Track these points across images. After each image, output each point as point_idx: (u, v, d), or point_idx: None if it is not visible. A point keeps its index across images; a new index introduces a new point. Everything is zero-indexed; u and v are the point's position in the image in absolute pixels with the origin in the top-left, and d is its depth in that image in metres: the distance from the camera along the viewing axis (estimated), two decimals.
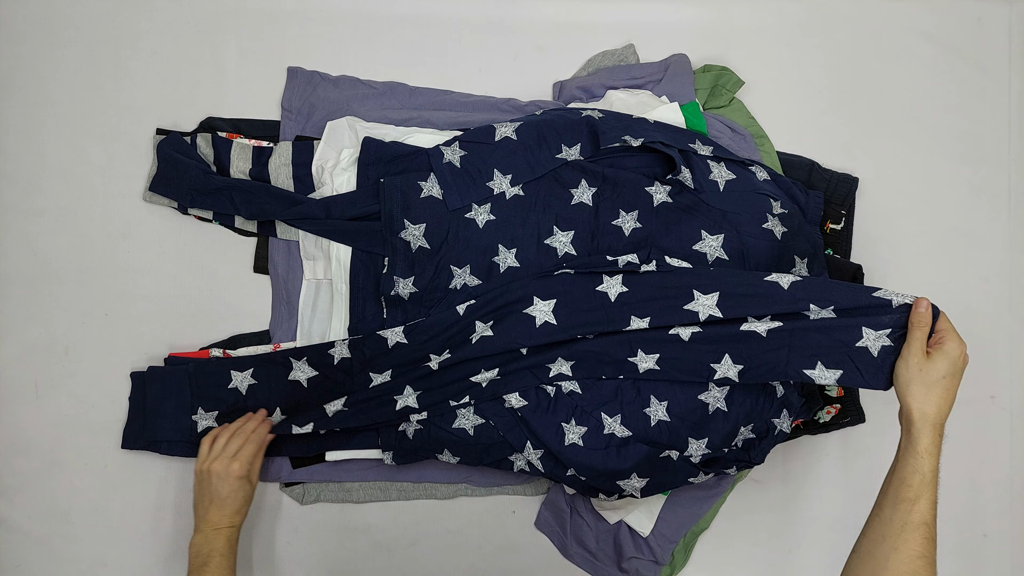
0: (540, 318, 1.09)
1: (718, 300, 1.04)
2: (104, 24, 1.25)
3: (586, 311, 1.08)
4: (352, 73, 1.27)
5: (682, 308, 1.05)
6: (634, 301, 1.07)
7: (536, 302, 1.09)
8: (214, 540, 1.05)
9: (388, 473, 1.22)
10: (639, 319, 1.07)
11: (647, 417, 1.09)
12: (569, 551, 1.24)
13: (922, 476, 0.90)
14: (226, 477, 1.07)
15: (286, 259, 1.22)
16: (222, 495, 1.07)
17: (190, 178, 1.17)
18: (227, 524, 1.06)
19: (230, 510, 1.07)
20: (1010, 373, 1.30)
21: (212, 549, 1.04)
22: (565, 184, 1.16)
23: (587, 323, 1.08)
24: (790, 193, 1.21)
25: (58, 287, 1.23)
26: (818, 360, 1.00)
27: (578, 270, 1.11)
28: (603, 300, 1.08)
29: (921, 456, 0.90)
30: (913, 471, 0.90)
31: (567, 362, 1.09)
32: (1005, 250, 1.31)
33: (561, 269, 1.12)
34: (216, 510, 1.06)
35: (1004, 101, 1.32)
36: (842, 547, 1.27)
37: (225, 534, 1.06)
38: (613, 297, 1.08)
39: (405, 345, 1.12)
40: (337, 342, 1.14)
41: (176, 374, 1.17)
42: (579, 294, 1.09)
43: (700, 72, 1.27)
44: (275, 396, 1.15)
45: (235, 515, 1.07)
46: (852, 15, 1.32)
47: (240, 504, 1.08)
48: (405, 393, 1.12)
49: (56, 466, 1.21)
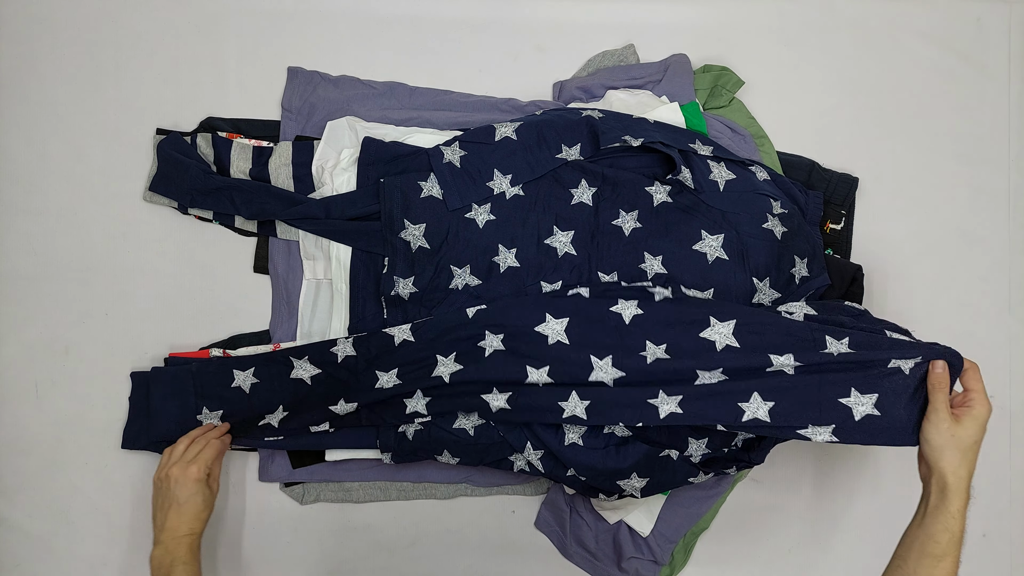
0: (552, 337, 1.07)
1: (734, 328, 1.02)
2: (104, 24, 1.25)
3: (600, 332, 1.06)
4: (352, 73, 1.27)
5: (698, 335, 1.03)
6: (649, 324, 1.05)
7: (548, 319, 1.08)
8: (175, 549, 1.02)
9: (388, 473, 1.22)
10: (654, 345, 1.04)
11: None
12: (569, 551, 1.24)
13: (951, 535, 0.91)
14: (184, 480, 1.05)
15: (286, 259, 1.22)
16: (180, 499, 1.04)
17: (190, 178, 1.18)
18: (187, 531, 1.03)
19: (189, 515, 1.04)
20: (1010, 373, 1.30)
21: (174, 558, 1.01)
22: (565, 184, 1.16)
23: (600, 344, 1.06)
24: (790, 193, 1.21)
25: (58, 287, 1.23)
26: (852, 388, 0.98)
27: (592, 295, 1.10)
28: (617, 321, 1.06)
29: (953, 516, 0.91)
30: (943, 529, 0.91)
31: (582, 402, 1.05)
32: (1005, 250, 1.31)
33: (575, 290, 1.12)
34: (175, 515, 1.04)
35: (1004, 101, 1.32)
36: (841, 547, 1.28)
37: (186, 542, 1.03)
38: (628, 319, 1.06)
39: (412, 343, 1.12)
40: (340, 340, 1.14)
41: (179, 374, 1.17)
42: (593, 313, 1.08)
43: (700, 72, 1.27)
44: (278, 394, 1.15)
45: (194, 521, 1.05)
46: (852, 15, 1.32)
47: (199, 509, 1.05)
48: (415, 397, 1.11)
49: (56, 466, 1.21)
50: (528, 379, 1.07)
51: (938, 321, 1.29)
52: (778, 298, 1.14)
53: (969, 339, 1.30)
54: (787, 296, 1.14)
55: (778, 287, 1.14)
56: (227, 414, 1.16)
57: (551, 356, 1.07)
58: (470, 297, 1.15)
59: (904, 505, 1.29)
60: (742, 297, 1.13)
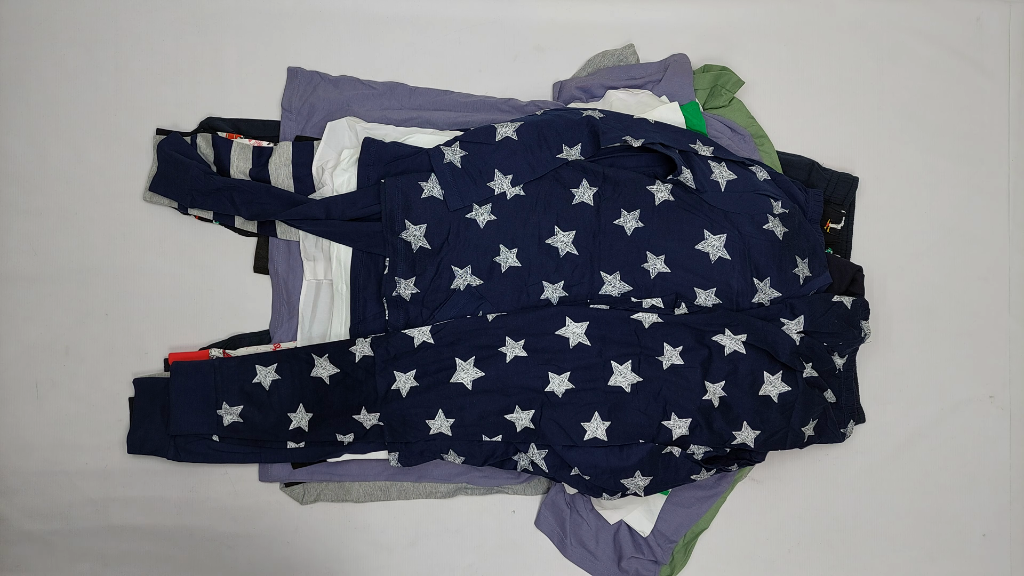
0: (573, 340, 1.11)
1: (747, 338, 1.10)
2: (104, 24, 1.25)
3: (619, 334, 1.11)
4: (352, 73, 1.27)
5: (710, 339, 1.10)
6: (667, 328, 1.11)
7: (568, 323, 1.11)
8: None
9: (388, 473, 1.22)
10: (671, 347, 1.10)
11: None
12: (569, 551, 1.24)
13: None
14: None
15: (286, 259, 1.22)
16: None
17: (190, 178, 1.17)
18: None
19: None
20: (1009, 373, 1.30)
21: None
22: (566, 184, 1.16)
23: (620, 347, 1.11)
24: (790, 192, 1.21)
25: (58, 287, 1.23)
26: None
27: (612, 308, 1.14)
28: (637, 327, 1.11)
29: None
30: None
31: (604, 423, 1.11)
32: (1004, 250, 1.31)
33: (594, 305, 1.14)
34: None
35: (1003, 101, 1.32)
36: (842, 547, 1.28)
37: None
38: (647, 324, 1.11)
39: (432, 346, 1.12)
40: (359, 340, 1.14)
41: (201, 368, 1.16)
42: (612, 318, 1.12)
43: (700, 72, 1.27)
44: (298, 392, 1.15)
45: None
46: (852, 15, 1.32)
47: None
48: (438, 418, 1.13)
49: (56, 466, 1.21)
50: (548, 386, 1.10)
51: (938, 321, 1.29)
52: (778, 297, 1.14)
53: (969, 339, 1.30)
54: (788, 296, 1.14)
55: (779, 287, 1.14)
56: (246, 411, 1.15)
57: (572, 361, 1.10)
58: (472, 297, 1.15)
59: (904, 505, 1.30)
60: (743, 297, 1.13)
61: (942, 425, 1.29)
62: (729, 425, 1.10)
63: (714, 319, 1.10)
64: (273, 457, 1.18)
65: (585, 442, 1.10)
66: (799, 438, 1.12)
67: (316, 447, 1.17)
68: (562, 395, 1.11)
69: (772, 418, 1.09)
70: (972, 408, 1.29)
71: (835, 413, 1.17)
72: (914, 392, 1.29)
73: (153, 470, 1.21)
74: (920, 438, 1.29)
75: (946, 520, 1.29)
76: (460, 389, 1.11)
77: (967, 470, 1.29)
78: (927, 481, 1.28)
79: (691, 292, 1.12)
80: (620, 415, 1.10)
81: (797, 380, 1.10)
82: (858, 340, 1.17)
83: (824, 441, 1.17)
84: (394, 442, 1.15)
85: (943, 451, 1.29)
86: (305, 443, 1.16)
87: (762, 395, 1.09)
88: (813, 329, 1.13)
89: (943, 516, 1.29)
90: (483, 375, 1.11)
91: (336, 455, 1.18)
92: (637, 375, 1.10)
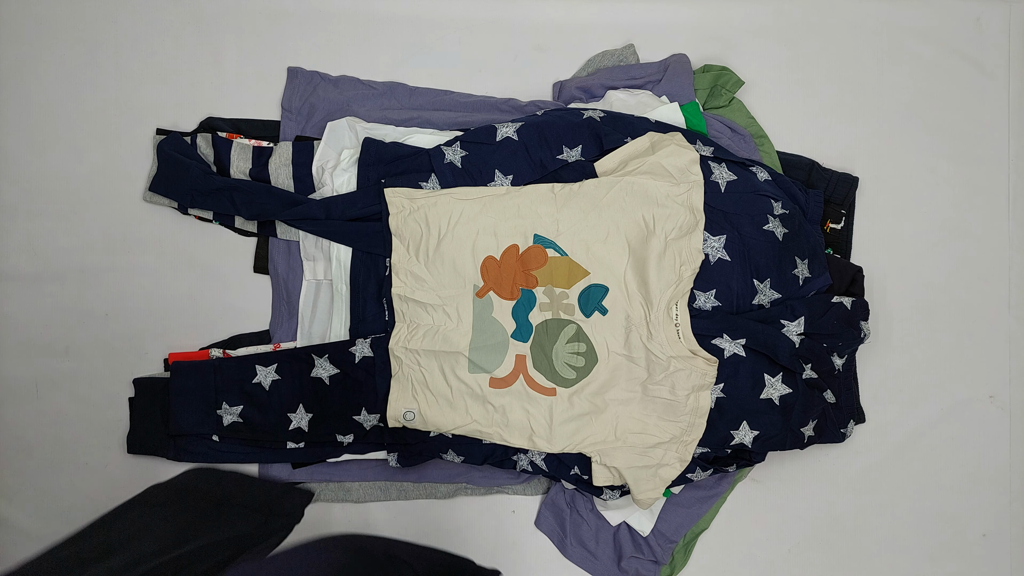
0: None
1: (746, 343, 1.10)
2: (104, 24, 1.25)
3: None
4: (352, 73, 1.27)
5: (709, 342, 1.10)
6: None
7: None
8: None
9: (388, 473, 1.22)
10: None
11: None
12: (569, 550, 1.24)
13: None
14: None
15: (286, 259, 1.22)
16: None
17: (190, 178, 1.17)
18: None
19: None
20: (1009, 373, 1.30)
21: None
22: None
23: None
24: (790, 193, 1.21)
25: (58, 287, 1.23)
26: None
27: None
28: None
29: None
30: None
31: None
32: (1005, 250, 1.31)
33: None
34: None
35: (1003, 101, 1.32)
36: (842, 547, 1.28)
37: None
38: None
39: None
40: (359, 341, 1.14)
41: (201, 368, 1.17)
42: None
43: (700, 72, 1.27)
44: (298, 393, 1.15)
45: None
46: (852, 15, 1.32)
47: None
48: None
49: (56, 466, 1.21)
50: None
51: (938, 321, 1.30)
52: (778, 299, 1.14)
53: (969, 339, 1.30)
54: (788, 297, 1.14)
55: (779, 288, 1.14)
56: (246, 411, 1.16)
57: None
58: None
59: (904, 505, 1.30)
60: (743, 298, 1.13)
61: (942, 425, 1.29)
62: (728, 426, 1.10)
63: (712, 324, 1.10)
64: (273, 457, 1.18)
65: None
66: (799, 439, 1.12)
67: (316, 447, 1.17)
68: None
69: (772, 419, 1.09)
70: (972, 408, 1.29)
71: (835, 413, 1.17)
72: (914, 392, 1.29)
73: (153, 470, 1.21)
74: (920, 438, 1.29)
75: (946, 520, 1.29)
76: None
77: (967, 470, 1.29)
78: (927, 481, 1.28)
79: (690, 294, 1.12)
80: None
81: (797, 382, 1.10)
82: (858, 341, 1.17)
83: (824, 441, 1.17)
84: (393, 442, 1.15)
85: (943, 451, 1.29)
86: (305, 443, 1.16)
87: (764, 398, 1.09)
88: (813, 330, 1.13)
89: (943, 516, 1.29)
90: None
91: (336, 455, 1.18)
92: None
